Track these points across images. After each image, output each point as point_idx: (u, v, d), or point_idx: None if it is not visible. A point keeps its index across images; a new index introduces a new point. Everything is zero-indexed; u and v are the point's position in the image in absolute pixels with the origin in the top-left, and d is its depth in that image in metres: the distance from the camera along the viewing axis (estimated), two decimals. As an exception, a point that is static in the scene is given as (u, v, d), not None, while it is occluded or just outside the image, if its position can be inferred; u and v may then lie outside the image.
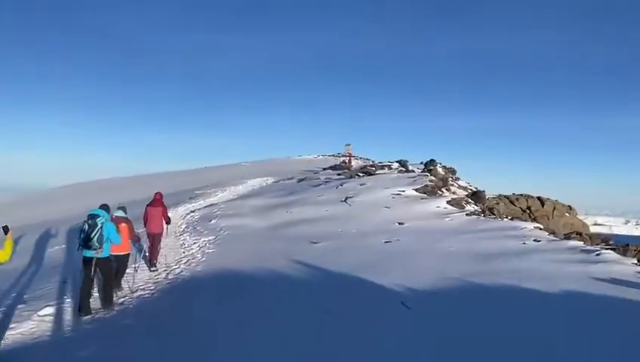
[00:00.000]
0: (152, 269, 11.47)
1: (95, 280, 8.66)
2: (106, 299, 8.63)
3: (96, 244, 8.21)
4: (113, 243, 8.66)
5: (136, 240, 10.56)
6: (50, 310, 8.23)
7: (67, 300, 8.81)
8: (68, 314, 8.15)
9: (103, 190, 39.08)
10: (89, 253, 8.33)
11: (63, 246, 14.65)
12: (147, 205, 12.26)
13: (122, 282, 9.89)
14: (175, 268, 11.63)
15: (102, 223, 8.29)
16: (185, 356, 6.48)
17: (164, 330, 7.56)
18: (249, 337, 7.14)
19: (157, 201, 12.18)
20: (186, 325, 7.73)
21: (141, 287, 10.03)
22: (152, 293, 9.67)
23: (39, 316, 7.95)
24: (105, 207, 8.97)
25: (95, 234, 8.17)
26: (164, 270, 11.48)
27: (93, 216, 8.31)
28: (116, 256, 9.29)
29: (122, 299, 9.13)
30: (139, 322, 7.95)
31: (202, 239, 15.14)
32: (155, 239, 11.92)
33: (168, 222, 12.44)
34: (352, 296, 8.91)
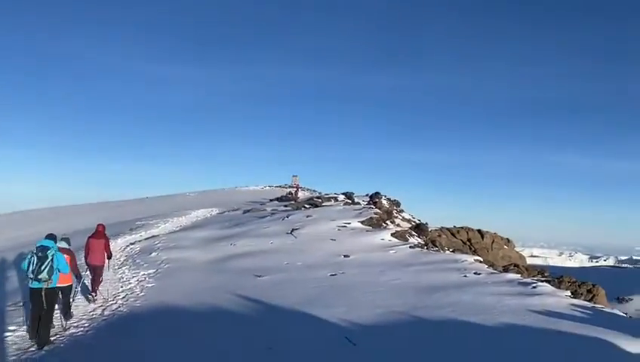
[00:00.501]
0: (92, 300, 11.14)
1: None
2: (43, 335, 8.21)
3: (46, 276, 8.08)
4: (61, 273, 8.54)
5: (76, 273, 10.11)
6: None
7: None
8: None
9: (38, 220, 37.21)
10: (37, 285, 8.15)
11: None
12: (89, 236, 11.93)
13: (58, 316, 9.37)
14: (112, 304, 11.10)
15: (52, 255, 8.20)
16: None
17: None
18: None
19: (99, 233, 11.98)
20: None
21: (74, 324, 9.49)
22: (86, 331, 9.16)
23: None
24: (52, 237, 8.78)
25: (46, 267, 8.05)
26: (100, 306, 10.93)
27: (43, 248, 8.19)
28: (60, 288, 8.98)
29: (54, 337, 8.60)
30: (69, 363, 7.50)
31: (142, 273, 14.58)
32: (96, 271, 11.65)
33: (110, 256, 12.16)
34: (296, 332, 8.79)
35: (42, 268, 8.04)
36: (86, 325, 9.50)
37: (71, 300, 9.93)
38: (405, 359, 7.39)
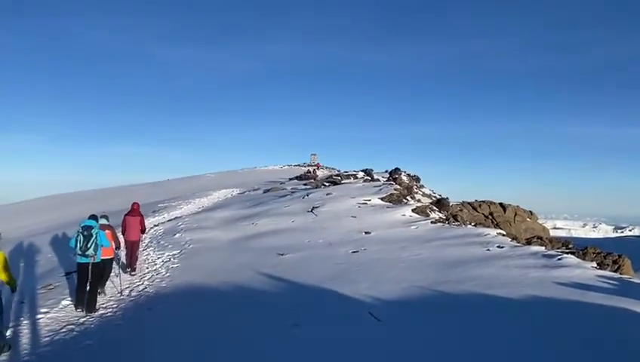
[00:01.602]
0: (132, 274, 12.31)
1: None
2: (91, 303, 9.29)
3: (92, 252, 9.20)
4: (103, 248, 9.81)
5: (117, 245, 11.17)
6: (7, 332, 7.86)
7: (24, 322, 8.46)
8: (25, 338, 7.80)
9: (66, 205, 37.94)
10: (85, 260, 9.27)
11: (22, 264, 14.09)
12: (125, 214, 13.00)
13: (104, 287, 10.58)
14: (138, 285, 11.32)
15: (96, 233, 9.30)
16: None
17: (125, 354, 7.32)
18: (218, 355, 7.00)
19: (134, 211, 13.12)
20: (151, 349, 7.51)
21: (103, 305, 9.71)
22: (115, 311, 9.36)
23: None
24: (94, 218, 9.85)
25: (92, 244, 9.18)
26: (127, 286, 11.16)
27: (87, 228, 9.29)
28: (103, 261, 10.03)
29: (83, 319, 8.82)
30: (100, 344, 7.66)
31: (166, 254, 14.82)
32: (133, 246, 12.71)
33: (143, 231, 13.40)
34: (320, 308, 8.85)
35: (89, 244, 9.15)
36: (114, 306, 9.71)
37: (111, 273, 11.08)
38: (430, 333, 7.39)
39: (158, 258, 14.33)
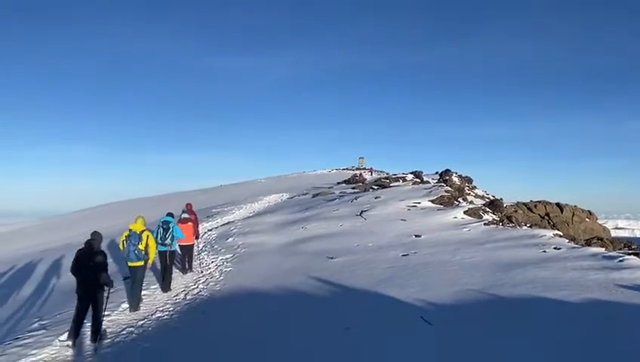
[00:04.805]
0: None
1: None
2: (166, 284, 11.54)
3: (170, 241, 11.58)
4: (186, 235, 12.80)
5: (197, 235, 14.32)
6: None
7: (87, 324, 8.84)
8: (87, 339, 8.18)
9: (124, 212, 39.43)
10: (164, 248, 11.54)
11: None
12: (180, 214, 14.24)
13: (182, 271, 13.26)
14: (193, 288, 11.65)
15: (172, 226, 11.72)
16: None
17: (183, 356, 7.54)
18: (270, 358, 7.10)
19: (188, 211, 14.37)
20: (208, 351, 7.71)
21: (160, 309, 10.05)
22: (171, 315, 9.68)
23: (60, 341, 8.02)
24: (170, 214, 12.30)
25: (169, 235, 11.56)
26: (183, 290, 11.50)
27: (166, 222, 11.73)
28: (185, 246, 13.13)
29: (141, 322, 9.15)
30: (157, 346, 7.94)
31: (220, 258, 15.17)
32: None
33: (197, 235, 14.82)
34: (371, 312, 8.82)
35: (166, 236, 11.50)
36: (170, 309, 10.04)
37: (194, 254, 13.96)
38: (483, 338, 7.23)
39: (212, 261, 14.69)
